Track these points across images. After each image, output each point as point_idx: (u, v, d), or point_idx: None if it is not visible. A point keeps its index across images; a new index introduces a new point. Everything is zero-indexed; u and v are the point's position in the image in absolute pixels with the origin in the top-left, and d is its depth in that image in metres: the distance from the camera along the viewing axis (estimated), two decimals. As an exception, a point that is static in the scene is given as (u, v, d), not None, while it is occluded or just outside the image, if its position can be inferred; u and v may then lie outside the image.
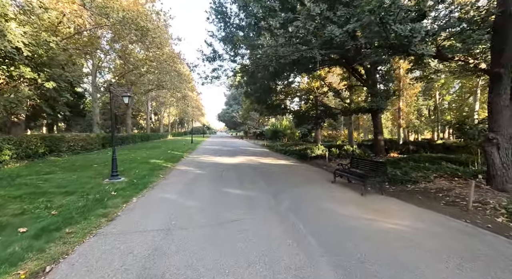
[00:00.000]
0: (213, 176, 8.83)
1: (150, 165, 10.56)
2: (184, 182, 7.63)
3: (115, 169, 7.54)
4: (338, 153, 11.77)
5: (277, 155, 17.20)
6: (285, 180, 8.29)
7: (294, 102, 24.25)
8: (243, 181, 8.00)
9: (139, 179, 7.68)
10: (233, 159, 14.29)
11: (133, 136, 24.49)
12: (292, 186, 7.31)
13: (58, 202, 5.13)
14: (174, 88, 27.26)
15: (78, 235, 3.69)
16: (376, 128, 11.87)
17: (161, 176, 8.49)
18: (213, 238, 3.71)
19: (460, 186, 6.26)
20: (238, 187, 7.08)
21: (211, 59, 11.81)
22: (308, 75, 18.70)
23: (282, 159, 14.40)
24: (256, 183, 7.70)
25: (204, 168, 10.71)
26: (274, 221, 4.44)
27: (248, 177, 8.62)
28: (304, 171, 10.29)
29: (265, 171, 10.13)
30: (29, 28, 7.80)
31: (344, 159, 11.66)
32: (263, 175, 9.13)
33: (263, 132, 41.14)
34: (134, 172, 8.91)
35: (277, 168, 11.08)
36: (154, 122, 54.17)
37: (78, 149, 13.88)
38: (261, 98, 14.95)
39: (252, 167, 11.00)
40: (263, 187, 7.07)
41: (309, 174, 9.52)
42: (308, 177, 8.76)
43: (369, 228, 4.10)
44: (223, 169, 10.29)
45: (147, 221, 4.34)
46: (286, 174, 9.44)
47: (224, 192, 6.48)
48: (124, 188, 6.46)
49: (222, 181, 7.99)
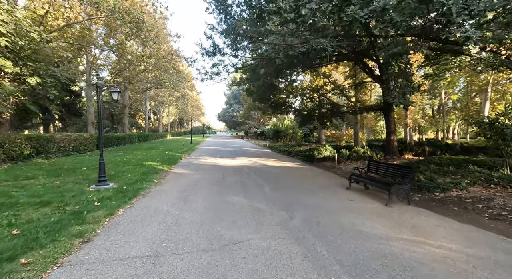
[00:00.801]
0: (213, 180, 7.97)
1: (145, 168, 9.70)
2: (181, 189, 6.77)
3: (102, 173, 6.68)
4: (348, 155, 10.91)
5: (281, 156, 16.34)
6: (294, 185, 7.43)
7: (297, 101, 23.46)
8: (247, 187, 7.14)
9: (130, 185, 6.82)
10: (234, 160, 13.43)
11: (130, 137, 23.61)
12: (303, 193, 6.45)
13: (26, 217, 4.27)
14: (173, 86, 26.40)
15: (37, 267, 2.82)
16: (388, 128, 11.00)
17: (155, 181, 7.62)
18: (213, 269, 2.85)
19: (500, 195, 5.40)
20: (242, 195, 6.21)
21: (211, 54, 10.93)
22: (312, 72, 17.85)
23: (286, 161, 13.54)
24: (262, 189, 6.84)
25: (203, 171, 9.85)
26: (289, 242, 3.57)
27: (252, 182, 7.76)
28: (312, 174, 9.42)
29: (270, 174, 9.27)
30: (6, 16, 6.92)
31: (355, 161, 10.81)
32: (268, 179, 8.26)
33: (264, 132, 40.30)
34: (125, 176, 8.04)
35: (283, 171, 10.22)
36: (154, 122, 53.31)
37: (69, 150, 13.00)
38: (264, 96, 14.07)
39: (256, 170, 10.14)
40: (270, 195, 6.21)
41: (319, 178, 8.66)
42: (319, 182, 7.89)
43: (411, 256, 3.23)
44: (224, 173, 9.43)
45: (131, 243, 3.48)
46: (294, 178, 8.58)
47: (226, 202, 5.62)
48: (111, 197, 5.59)
49: (223, 187, 7.12)
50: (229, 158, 14.41)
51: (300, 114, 15.15)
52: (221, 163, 12.22)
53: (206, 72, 11.51)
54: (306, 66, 13.28)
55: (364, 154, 10.82)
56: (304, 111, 15.02)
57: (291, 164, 12.42)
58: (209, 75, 11.34)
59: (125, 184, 6.90)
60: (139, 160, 11.84)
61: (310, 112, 14.59)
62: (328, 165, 11.26)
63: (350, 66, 18.81)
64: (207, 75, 11.36)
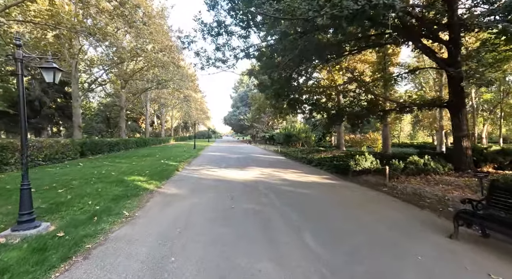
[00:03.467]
0: (216, 210, 5.14)
1: (122, 187, 6.95)
2: (161, 234, 3.96)
3: (26, 208, 3.90)
4: (403, 167, 7.91)
5: (299, 165, 13.41)
6: (345, 224, 4.52)
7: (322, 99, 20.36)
8: (271, 228, 4.27)
9: (75, 226, 4.06)
10: (243, 172, 10.59)
11: (126, 142, 21.09)
12: (371, 245, 3.55)
13: None
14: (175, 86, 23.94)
15: None
16: (459, 130, 7.99)
17: (125, 214, 4.84)
18: None
19: None
20: (267, 252, 3.35)
21: (214, 33, 8.24)
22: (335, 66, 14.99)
23: (310, 173, 10.61)
24: (298, 235, 3.95)
25: (202, 191, 7.03)
26: None
27: (278, 216, 4.88)
28: (363, 199, 6.46)
29: (300, 199, 6.38)
30: None
31: (413, 176, 7.80)
32: (301, 209, 5.37)
33: (273, 136, 37.46)
34: (82, 204, 5.28)
35: (316, 191, 7.29)
36: (157, 126, 51.15)
37: (38, 160, 10.40)
38: (282, 92, 11.26)
39: (276, 190, 7.26)
40: (320, 256, 3.31)
41: (380, 208, 5.67)
42: (386, 217, 4.94)
43: None
44: (232, 194, 6.60)
45: None
46: (339, 207, 5.65)
47: (240, 269, 2.77)
48: (10, 267, 2.82)
49: (231, 226, 4.28)
50: (237, 168, 11.59)
51: (327, 113, 12.23)
52: (227, 177, 9.40)
53: (208, 59, 8.78)
54: (335, 52, 10.45)
55: (426, 166, 7.82)
56: (331, 110, 12.08)
57: (319, 178, 9.48)
58: (212, 61, 8.60)
59: (69, 224, 4.13)
60: (121, 173, 9.12)
61: (341, 110, 11.64)
62: (373, 181, 8.28)
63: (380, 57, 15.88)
64: (210, 61, 8.62)
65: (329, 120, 12.33)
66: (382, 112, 10.93)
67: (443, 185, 6.86)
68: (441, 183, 7.07)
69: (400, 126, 49.98)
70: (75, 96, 15.79)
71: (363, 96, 12.28)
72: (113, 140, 18.88)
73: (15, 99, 22.34)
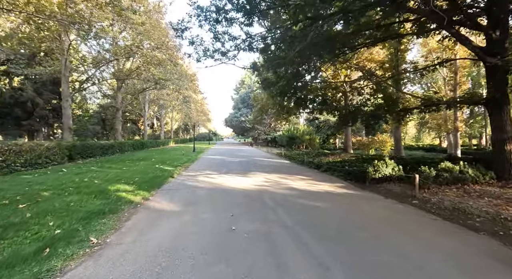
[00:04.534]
0: (212, 232, 3.96)
1: (102, 200, 5.81)
2: (133, 273, 2.80)
3: None
4: (436, 174, 6.71)
5: (306, 169, 12.21)
6: (384, 255, 3.32)
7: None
8: (281, 258, 3.07)
9: (10, 267, 2.91)
10: (246, 178, 9.44)
11: (121, 145, 20.01)
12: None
13: None
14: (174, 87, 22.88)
15: None
16: (501, 131, 6.80)
17: (90, 242, 3.68)
18: None
19: None
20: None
21: (212, 20, 7.13)
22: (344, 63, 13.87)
23: (321, 180, 9.42)
24: (319, 267, 2.78)
25: (197, 204, 5.87)
26: None
27: (291, 243, 3.69)
28: (394, 216, 5.26)
29: (315, 215, 5.19)
30: None
31: (447, 186, 6.60)
32: (318, 230, 4.17)
33: (276, 138, 36.32)
34: (39, 226, 4.14)
35: (332, 204, 6.08)
36: (157, 128, 50.14)
37: (14, 166, 9.29)
38: (288, 89, 10.12)
39: (285, 202, 6.08)
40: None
41: (420, 229, 4.45)
42: (437, 245, 3.73)
43: None
44: (232, 208, 5.42)
45: None
46: (368, 229, 4.43)
47: None
48: None
49: (231, 257, 3.09)
50: (239, 174, 10.43)
51: (339, 113, 11.06)
52: (227, 185, 8.24)
53: (205, 50, 7.66)
54: (347, 44, 9.33)
55: (464, 174, 6.62)
56: (343, 110, 10.90)
57: (332, 186, 8.28)
58: (209, 53, 7.49)
59: (3, 263, 2.99)
60: (106, 181, 7.98)
61: (356, 109, 10.46)
62: (397, 191, 7.08)
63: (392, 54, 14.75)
64: (208, 53, 7.50)
65: (341, 121, 11.16)
66: (402, 112, 9.71)
67: (488, 198, 5.66)
68: (485, 195, 5.87)
69: (406, 128, 48.78)
70: (65, 96, 14.73)
71: (379, 94, 11.07)
72: (107, 143, 17.79)
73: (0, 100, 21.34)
